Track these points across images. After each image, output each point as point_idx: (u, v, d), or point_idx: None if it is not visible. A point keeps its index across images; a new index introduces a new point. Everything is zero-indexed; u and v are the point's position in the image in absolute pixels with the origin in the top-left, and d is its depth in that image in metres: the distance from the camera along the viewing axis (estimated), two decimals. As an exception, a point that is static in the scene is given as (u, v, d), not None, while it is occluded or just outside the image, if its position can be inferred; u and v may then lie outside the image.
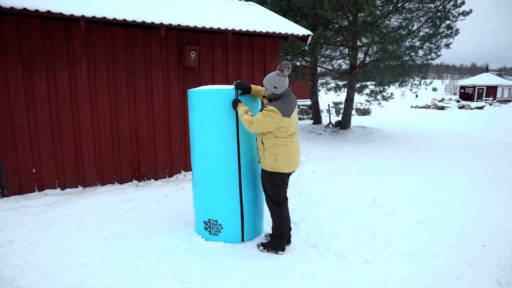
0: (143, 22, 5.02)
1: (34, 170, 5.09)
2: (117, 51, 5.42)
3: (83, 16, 4.66)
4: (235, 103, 3.45)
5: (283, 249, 3.56)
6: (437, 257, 3.56)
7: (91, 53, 5.24)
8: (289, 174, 3.49)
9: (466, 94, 38.73)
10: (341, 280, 3.13)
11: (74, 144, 5.32)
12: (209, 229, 3.77)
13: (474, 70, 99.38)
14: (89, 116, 5.36)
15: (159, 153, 6.01)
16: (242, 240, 3.77)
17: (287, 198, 3.59)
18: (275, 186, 3.45)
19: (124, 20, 4.91)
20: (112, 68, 5.43)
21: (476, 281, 3.17)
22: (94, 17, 4.70)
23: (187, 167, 6.32)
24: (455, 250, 3.70)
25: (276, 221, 3.54)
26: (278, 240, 3.53)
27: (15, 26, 4.72)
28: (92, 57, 5.26)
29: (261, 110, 3.31)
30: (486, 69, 43.99)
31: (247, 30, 5.83)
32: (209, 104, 3.54)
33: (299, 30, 6.43)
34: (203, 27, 5.45)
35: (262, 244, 3.63)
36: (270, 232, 3.85)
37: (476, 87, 37.83)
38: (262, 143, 3.41)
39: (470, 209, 4.85)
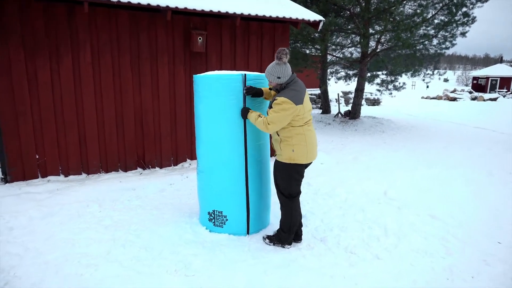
0: (148, 4, 4.84)
1: (37, 157, 5.01)
2: (121, 35, 5.25)
3: (86, -2, 4.49)
4: (244, 112, 3.32)
5: (290, 243, 3.43)
6: (451, 255, 3.40)
7: (95, 37, 5.09)
8: (306, 166, 3.30)
9: (479, 85, 37.87)
10: (351, 277, 3.00)
11: (78, 131, 5.21)
12: (213, 220, 3.65)
13: (487, 61, 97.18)
14: (93, 103, 5.24)
15: (164, 140, 5.88)
16: (248, 233, 3.65)
17: (300, 192, 3.42)
18: (290, 178, 3.26)
19: (129, 2, 4.73)
20: (116, 53, 5.28)
21: (493, 281, 3.01)
22: (97, -2, 4.54)
23: (193, 156, 6.19)
24: (469, 247, 3.54)
25: (286, 214, 3.39)
26: (286, 234, 3.39)
27: (17, 10, 4.58)
28: (96, 42, 5.11)
29: (270, 103, 3.15)
30: (500, 60, 42.89)
31: (256, 15, 5.61)
32: (215, 91, 3.37)
33: (310, 16, 6.19)
34: (211, 10, 5.24)
35: (268, 237, 3.50)
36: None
37: (490, 78, 36.93)
38: (278, 135, 3.22)
39: (485, 204, 4.66)
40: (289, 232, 3.38)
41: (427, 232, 3.83)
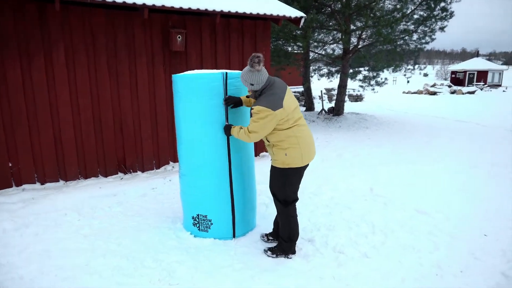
0: (124, 2, 4.66)
1: (10, 164, 4.76)
2: (97, 35, 5.05)
3: (57, -4, 4.29)
4: (227, 129, 3.20)
5: (293, 252, 3.24)
6: (438, 249, 3.38)
7: (68, 37, 4.87)
8: (303, 169, 3.08)
9: (457, 79, 38.72)
10: (340, 277, 2.93)
11: (53, 135, 4.98)
12: (198, 225, 3.53)
13: (464, 55, 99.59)
14: (69, 105, 5.02)
15: (145, 143, 5.71)
16: (234, 236, 3.54)
17: (297, 199, 3.21)
18: (285, 184, 3.07)
19: (103, 1, 4.55)
20: (92, 53, 5.06)
21: (482, 274, 3.00)
22: (69, -3, 4.34)
23: (176, 158, 6.04)
24: (457, 241, 3.53)
25: (284, 223, 3.19)
26: (287, 243, 3.19)
27: (-18, 8, 4.33)
28: (70, 41, 4.89)
29: (250, 112, 3.02)
30: (476, 54, 43.87)
31: (237, 12, 5.49)
32: (195, 90, 3.25)
33: (292, 12, 6.11)
34: (189, 8, 5.09)
35: (270, 249, 3.27)
36: (265, 232, 3.63)
37: (467, 72, 37.81)
38: (268, 141, 3.05)
39: (470, 197, 4.70)
40: (290, 241, 3.19)
41: (414, 228, 3.81)
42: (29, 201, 4.33)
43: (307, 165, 3.11)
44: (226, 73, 3.22)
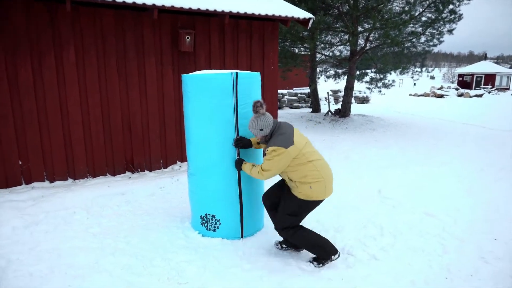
0: (134, 3, 4.69)
1: (20, 162, 4.81)
2: (107, 35, 5.09)
3: (68, -3, 4.33)
4: (238, 163, 3.25)
5: (335, 252, 3.09)
6: (448, 252, 3.36)
7: (78, 37, 4.91)
8: (321, 201, 3.09)
9: (464, 82, 38.47)
10: (349, 279, 2.92)
11: (63, 134, 5.02)
12: (206, 224, 3.54)
13: (471, 58, 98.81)
14: (78, 105, 5.06)
15: (153, 143, 5.73)
16: (242, 236, 3.54)
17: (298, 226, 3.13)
18: (300, 213, 3.05)
19: (114, 1, 4.58)
20: (102, 53, 5.10)
21: (492, 279, 2.97)
22: (80, -3, 4.37)
23: (183, 158, 6.06)
24: (466, 245, 3.50)
25: (299, 241, 3.09)
26: (318, 249, 3.08)
27: (-5, 8, 4.39)
28: (80, 42, 4.93)
29: (264, 152, 3.09)
30: (484, 57, 43.64)
31: (245, 13, 5.51)
32: (205, 91, 3.26)
33: (300, 13, 6.11)
34: (198, 9, 5.12)
35: (315, 260, 3.13)
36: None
37: (475, 75, 37.55)
38: (292, 180, 3.04)
39: (479, 200, 4.66)
40: (318, 247, 3.09)
41: (423, 230, 3.79)
42: (38, 199, 4.36)
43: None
44: (237, 73, 3.23)
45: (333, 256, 3.08)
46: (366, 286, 2.83)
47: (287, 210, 3.06)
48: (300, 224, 3.15)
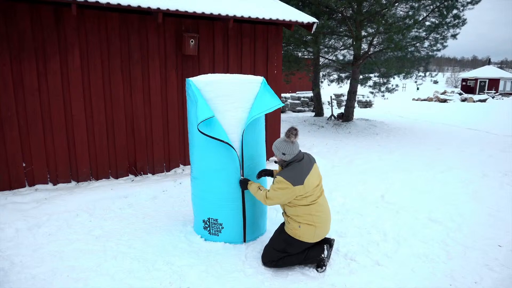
0: (139, 7, 4.71)
1: (24, 164, 4.82)
2: (111, 38, 5.11)
3: (74, 0, 4.35)
4: (244, 183, 3.29)
5: (322, 250, 3.09)
6: (452, 259, 3.33)
7: (83, 40, 4.94)
8: (310, 244, 3.08)
9: (468, 87, 38.34)
10: (352, 285, 2.90)
11: (66, 137, 5.04)
12: (208, 228, 3.53)
13: (475, 62, 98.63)
14: (82, 107, 5.08)
15: (156, 146, 5.74)
16: (244, 241, 3.53)
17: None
18: (284, 250, 3.04)
19: (119, 4, 4.60)
20: (106, 56, 5.13)
21: (497, 286, 2.94)
22: (86, 0, 4.40)
23: (186, 161, 6.06)
24: (471, 251, 3.47)
25: (287, 265, 3.09)
26: (312, 259, 3.10)
27: (1, 11, 4.42)
28: (85, 45, 4.96)
29: (273, 178, 3.12)
30: (488, 62, 43.46)
31: (249, 17, 5.52)
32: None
33: (304, 18, 6.12)
34: (203, 13, 5.14)
35: (317, 265, 3.13)
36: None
37: (478, 80, 37.42)
38: (285, 212, 3.10)
39: (483, 206, 4.62)
40: (310, 259, 3.09)
41: (427, 236, 3.77)
42: (41, 201, 4.37)
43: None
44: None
45: (322, 255, 3.08)
46: (370, 293, 2.81)
47: (274, 245, 3.10)
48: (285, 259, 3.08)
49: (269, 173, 3.41)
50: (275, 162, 3.38)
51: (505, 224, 4.07)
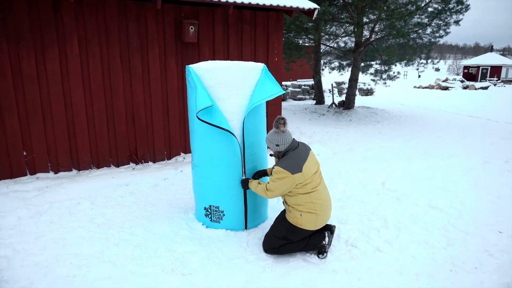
0: (137, -7, 4.64)
1: (25, 153, 4.82)
2: (110, 26, 5.05)
3: (71, -14, 4.28)
4: (245, 183, 3.28)
5: (323, 237, 3.10)
6: (452, 245, 3.35)
7: (82, 28, 4.88)
8: (311, 231, 3.09)
9: (470, 74, 38.03)
10: (353, 271, 2.92)
11: (67, 125, 5.02)
12: (210, 215, 3.54)
13: (477, 50, 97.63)
14: (82, 96, 5.05)
15: (157, 134, 5.73)
16: (246, 228, 3.55)
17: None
18: (286, 237, 3.04)
19: (116, -10, 4.53)
20: (105, 44, 5.07)
21: (497, 271, 2.96)
22: (83, -13, 4.32)
23: (187, 149, 6.05)
24: (471, 238, 3.49)
25: (288, 252, 3.10)
26: (312, 246, 3.10)
27: (-2, -3, 4.35)
28: (84, 33, 4.90)
29: (271, 170, 3.12)
30: (490, 49, 42.98)
31: (250, 3, 5.44)
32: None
33: (305, 3, 6.03)
34: (202, -1, 5.06)
35: (318, 252, 3.14)
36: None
37: (480, 67, 37.09)
38: (286, 202, 3.09)
39: (484, 193, 4.62)
40: (310, 246, 3.11)
41: (427, 223, 3.78)
42: (43, 189, 4.38)
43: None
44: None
45: (323, 242, 3.09)
46: (370, 278, 2.83)
47: (276, 232, 3.10)
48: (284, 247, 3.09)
49: (263, 173, 3.43)
50: (271, 155, 3.37)
51: (506, 211, 4.08)
